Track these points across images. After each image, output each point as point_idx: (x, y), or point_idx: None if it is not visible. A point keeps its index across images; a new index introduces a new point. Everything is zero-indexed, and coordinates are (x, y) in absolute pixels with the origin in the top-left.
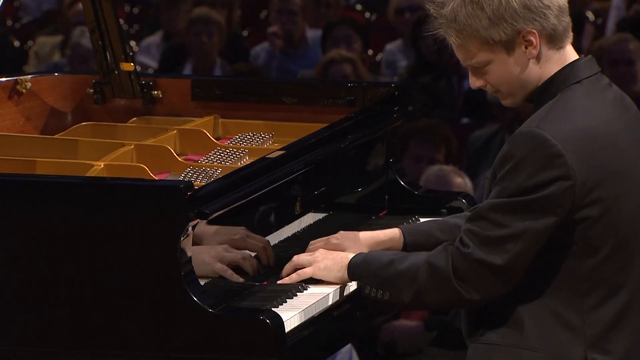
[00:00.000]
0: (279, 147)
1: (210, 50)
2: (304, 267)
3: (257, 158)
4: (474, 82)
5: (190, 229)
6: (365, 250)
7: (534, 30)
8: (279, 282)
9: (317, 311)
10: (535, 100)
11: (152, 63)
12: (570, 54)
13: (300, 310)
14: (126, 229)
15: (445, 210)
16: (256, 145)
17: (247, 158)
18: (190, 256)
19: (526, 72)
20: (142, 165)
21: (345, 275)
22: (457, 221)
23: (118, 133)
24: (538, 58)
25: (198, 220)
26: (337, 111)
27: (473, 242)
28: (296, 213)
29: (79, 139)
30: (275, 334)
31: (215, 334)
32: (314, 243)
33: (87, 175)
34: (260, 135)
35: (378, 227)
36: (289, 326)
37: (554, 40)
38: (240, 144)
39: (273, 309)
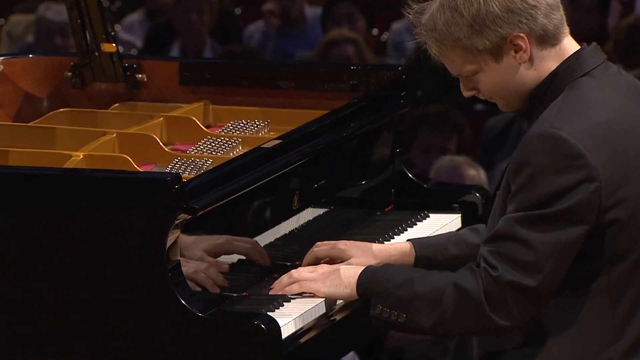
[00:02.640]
0: (275, 136)
1: (199, 30)
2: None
3: (251, 148)
4: (465, 91)
5: (178, 226)
6: (373, 261)
7: (522, 34)
8: (271, 292)
9: (317, 316)
10: (539, 98)
11: (136, 43)
12: (569, 46)
13: (299, 314)
14: (108, 226)
15: (457, 205)
16: (250, 134)
17: (240, 148)
18: (179, 256)
19: (520, 77)
20: (125, 155)
21: (355, 292)
22: (471, 236)
23: (99, 120)
24: (531, 61)
25: (186, 216)
26: (339, 97)
27: (500, 263)
28: (294, 208)
29: (56, 126)
30: (271, 340)
31: (205, 340)
32: (320, 245)
33: (64, 166)
34: (255, 123)
35: (384, 223)
36: (286, 332)
37: (545, 40)
38: (233, 132)
39: (269, 313)
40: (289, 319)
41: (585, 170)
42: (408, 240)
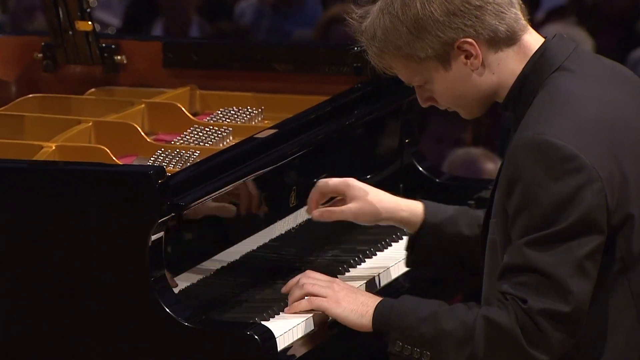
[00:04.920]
0: (269, 125)
1: (185, 6)
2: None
3: (243, 138)
4: (422, 102)
5: (161, 225)
6: (372, 216)
7: (469, 39)
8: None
9: (317, 325)
10: (513, 106)
11: (114, 21)
12: (532, 41)
13: (297, 324)
14: (83, 226)
15: (473, 202)
16: (242, 122)
17: (231, 138)
18: (163, 259)
19: (475, 83)
20: (102, 146)
21: (370, 325)
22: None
23: (73, 107)
24: (485, 66)
25: (171, 214)
26: (341, 81)
27: (527, 294)
28: (291, 206)
29: (25, 114)
30: (265, 352)
31: (192, 352)
32: (324, 181)
33: (34, 158)
34: (247, 111)
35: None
36: (282, 343)
37: (498, 42)
38: (223, 120)
39: (263, 322)
40: (286, 328)
41: (583, 172)
42: (421, 201)
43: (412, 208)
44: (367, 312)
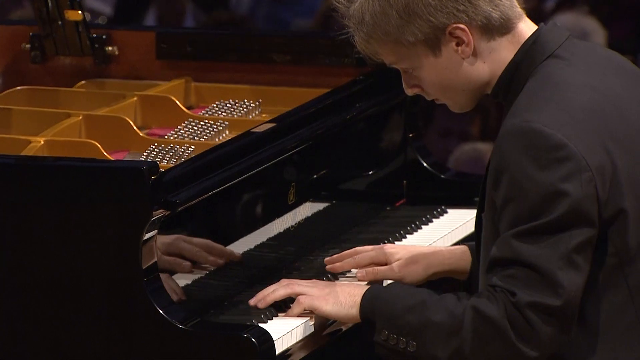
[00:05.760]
0: (267, 119)
1: None
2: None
3: (240, 133)
4: (408, 89)
5: (155, 223)
6: (422, 272)
7: (461, 25)
8: (251, 302)
9: (317, 328)
10: (503, 95)
11: (106, 10)
12: (525, 29)
13: (296, 326)
14: (73, 224)
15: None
16: (239, 116)
17: (227, 132)
18: (156, 259)
19: (465, 72)
20: (92, 141)
21: (358, 314)
22: None
23: (62, 100)
24: (477, 55)
25: (165, 212)
26: (342, 73)
27: (516, 287)
28: (290, 203)
29: (13, 107)
30: (263, 356)
31: (186, 355)
32: (361, 251)
33: (22, 153)
34: (244, 104)
35: (394, 219)
36: (280, 347)
37: (491, 30)
38: (219, 114)
39: (260, 324)
40: (285, 331)
41: (572, 161)
42: (465, 243)
43: (457, 254)
44: (355, 302)
